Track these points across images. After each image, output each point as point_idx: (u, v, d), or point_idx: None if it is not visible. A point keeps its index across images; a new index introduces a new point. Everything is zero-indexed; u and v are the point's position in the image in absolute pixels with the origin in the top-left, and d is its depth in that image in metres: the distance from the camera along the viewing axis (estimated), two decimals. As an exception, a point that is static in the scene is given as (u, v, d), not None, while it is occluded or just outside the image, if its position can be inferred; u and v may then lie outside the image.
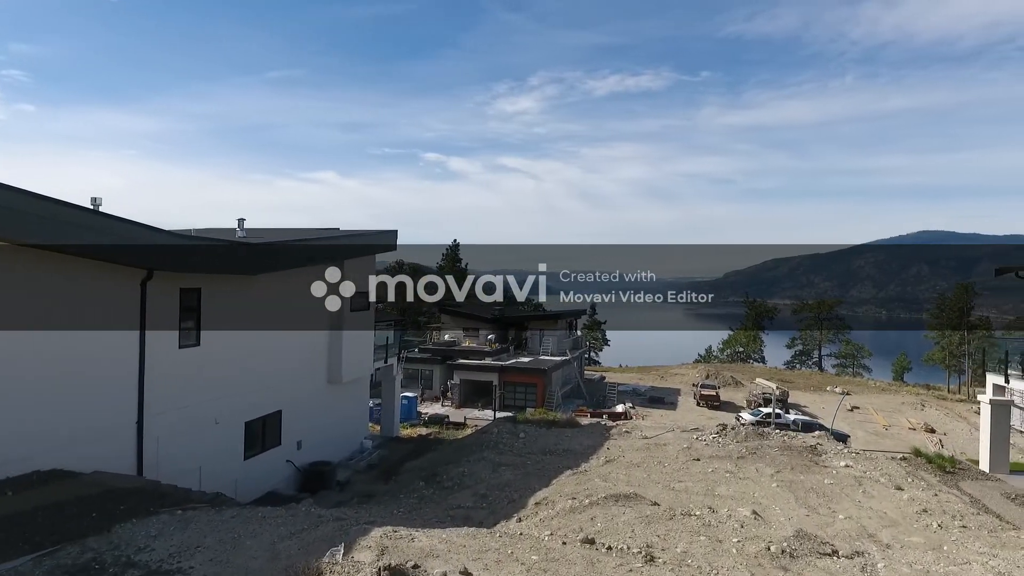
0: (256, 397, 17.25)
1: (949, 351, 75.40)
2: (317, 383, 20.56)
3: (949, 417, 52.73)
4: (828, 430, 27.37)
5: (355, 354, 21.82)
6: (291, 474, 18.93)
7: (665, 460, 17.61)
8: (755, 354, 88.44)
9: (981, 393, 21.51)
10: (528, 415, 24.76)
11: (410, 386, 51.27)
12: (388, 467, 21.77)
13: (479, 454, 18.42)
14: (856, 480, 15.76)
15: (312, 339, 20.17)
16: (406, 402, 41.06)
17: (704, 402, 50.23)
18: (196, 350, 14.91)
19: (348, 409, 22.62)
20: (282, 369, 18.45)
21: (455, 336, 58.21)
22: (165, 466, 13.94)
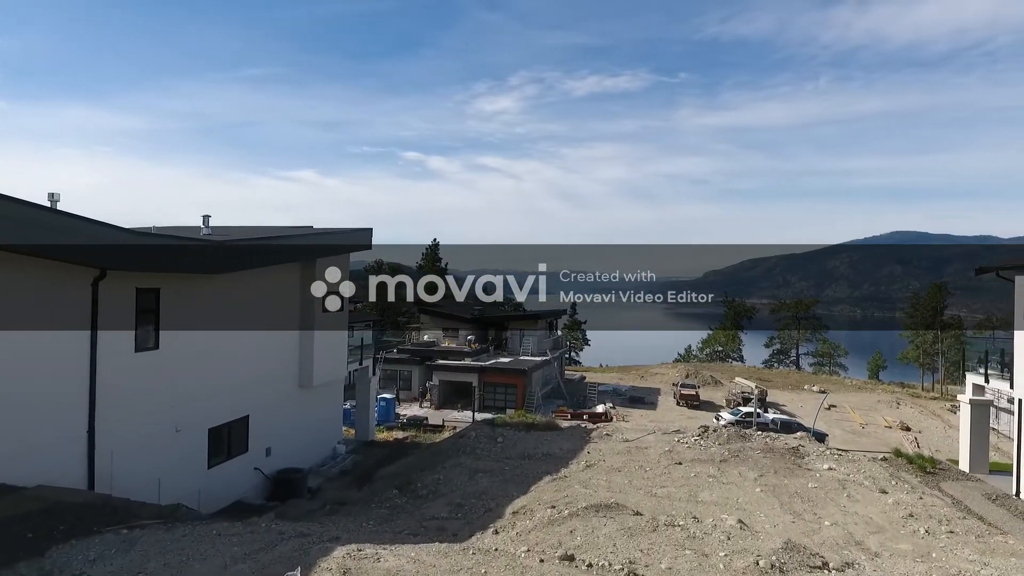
0: (221, 402, 16.43)
1: (923, 350, 76.53)
2: (287, 387, 19.75)
3: (923, 415, 53.47)
4: (809, 430, 27.26)
5: (327, 356, 21.05)
6: (259, 482, 18.12)
7: (646, 464, 17.19)
8: (734, 353, 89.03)
9: (960, 393, 21.44)
10: (507, 418, 24.20)
11: (389, 387, 50.55)
12: (362, 473, 21.03)
13: (455, 459, 17.79)
14: (840, 483, 15.48)
15: (282, 341, 19.36)
16: (384, 404, 40.26)
17: (684, 402, 50.21)
18: (154, 353, 14.07)
19: (320, 413, 21.81)
20: (249, 372, 17.63)
21: (434, 336, 57.45)
22: (120, 478, 13.09)
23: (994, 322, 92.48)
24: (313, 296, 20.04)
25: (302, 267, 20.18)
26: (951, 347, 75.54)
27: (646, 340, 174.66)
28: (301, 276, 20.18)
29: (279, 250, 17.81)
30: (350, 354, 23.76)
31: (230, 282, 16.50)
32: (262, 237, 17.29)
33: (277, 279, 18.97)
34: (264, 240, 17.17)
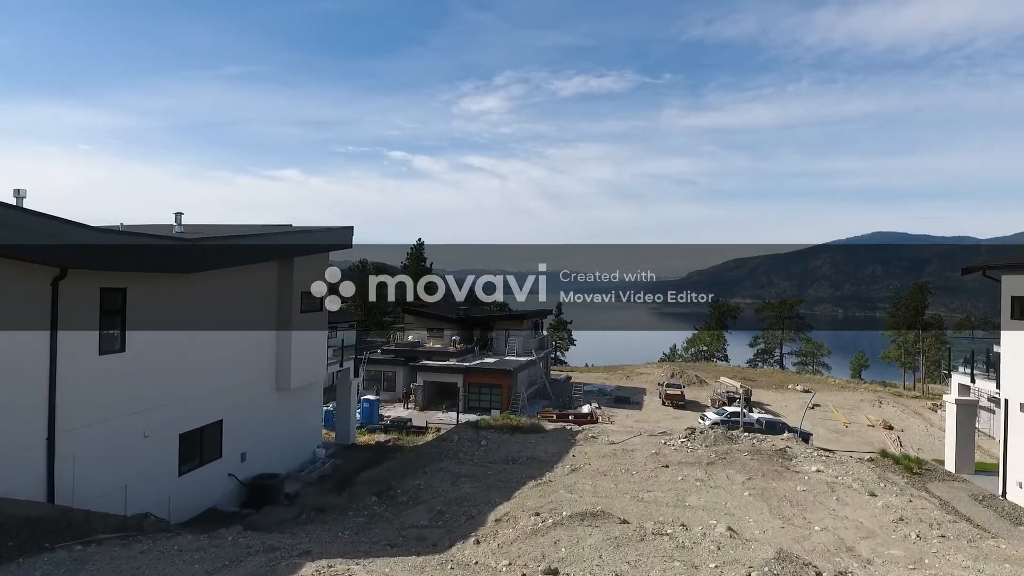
0: (193, 406, 15.78)
1: (905, 349, 77.25)
2: (264, 390, 19.11)
3: (906, 414, 53.90)
4: (796, 431, 27.10)
5: (306, 358, 20.43)
6: (234, 489, 17.48)
7: (633, 467, 16.82)
8: (719, 353, 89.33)
9: (943, 392, 21.37)
10: (491, 420, 23.73)
11: (373, 388, 49.85)
12: (342, 478, 20.44)
13: (437, 464, 17.29)
14: (828, 486, 15.23)
15: (258, 343, 18.72)
16: (367, 405, 39.57)
17: (669, 401, 50.09)
18: (120, 356, 13.42)
19: (299, 417, 21.18)
20: (223, 375, 16.98)
21: (419, 337, 56.82)
22: (82, 488, 12.45)
23: (973, 321, 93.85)
24: (291, 296, 19.43)
25: (279, 266, 19.55)
26: (932, 346, 76.36)
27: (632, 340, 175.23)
28: (278, 275, 19.56)
29: (253, 249, 17.17)
30: (330, 355, 23.15)
31: (202, 282, 15.87)
32: (235, 236, 16.64)
33: (252, 279, 18.33)
34: (237, 239, 16.52)
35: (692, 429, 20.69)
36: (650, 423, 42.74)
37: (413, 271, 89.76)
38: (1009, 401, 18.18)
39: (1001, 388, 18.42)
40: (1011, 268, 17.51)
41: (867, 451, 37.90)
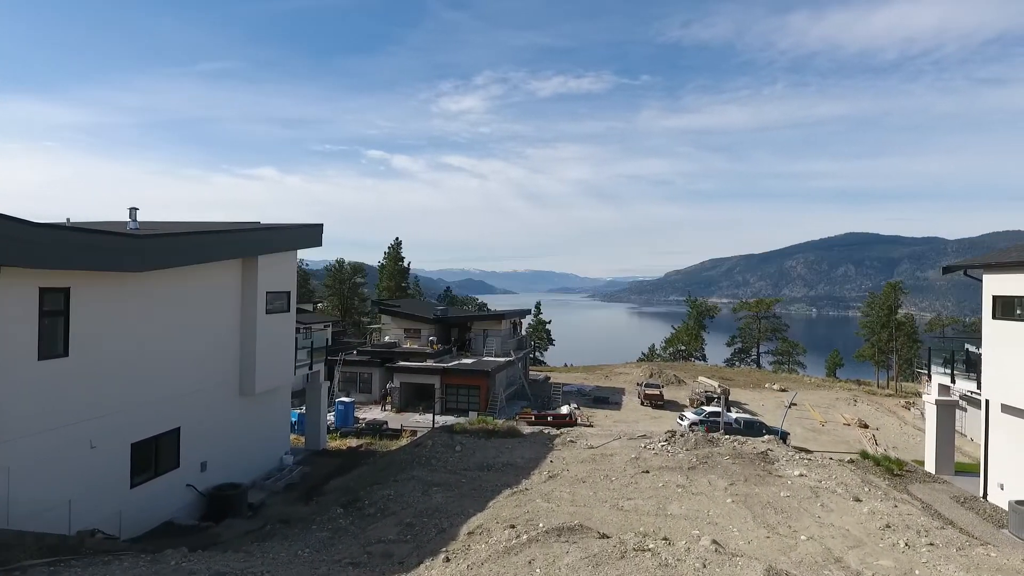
0: (147, 414, 14.78)
1: (878, 348, 78.22)
2: (226, 395, 18.12)
3: (880, 412, 54.44)
4: (777, 432, 26.81)
5: (272, 361, 19.47)
6: (193, 500, 16.50)
7: (612, 473, 16.25)
8: (697, 352, 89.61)
9: (920, 391, 21.21)
10: (466, 424, 23.00)
11: (349, 390, 48.77)
12: (311, 486, 19.56)
13: (409, 472, 16.51)
14: (812, 491, 14.83)
15: (220, 345, 17.72)
16: (342, 407, 38.53)
17: (648, 401, 49.83)
18: (63, 362, 12.41)
19: (265, 422, 20.21)
20: (181, 380, 15.99)
21: (396, 337, 55.81)
22: (19, 504, 11.44)
23: (943, 320, 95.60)
24: (255, 296, 18.47)
25: (243, 265, 18.57)
26: (904, 345, 77.46)
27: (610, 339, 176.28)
28: (242, 274, 18.58)
29: (210, 246, 16.18)
30: (299, 358, 22.18)
31: (157, 281, 14.89)
32: (190, 232, 15.64)
33: (213, 278, 17.35)
34: (192, 235, 15.51)
35: (672, 432, 20.20)
36: (629, 423, 42.35)
37: (391, 269, 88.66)
38: (990, 402, 18.00)
39: (982, 388, 18.24)
40: (992, 267, 17.32)
41: (844, 450, 38.06)
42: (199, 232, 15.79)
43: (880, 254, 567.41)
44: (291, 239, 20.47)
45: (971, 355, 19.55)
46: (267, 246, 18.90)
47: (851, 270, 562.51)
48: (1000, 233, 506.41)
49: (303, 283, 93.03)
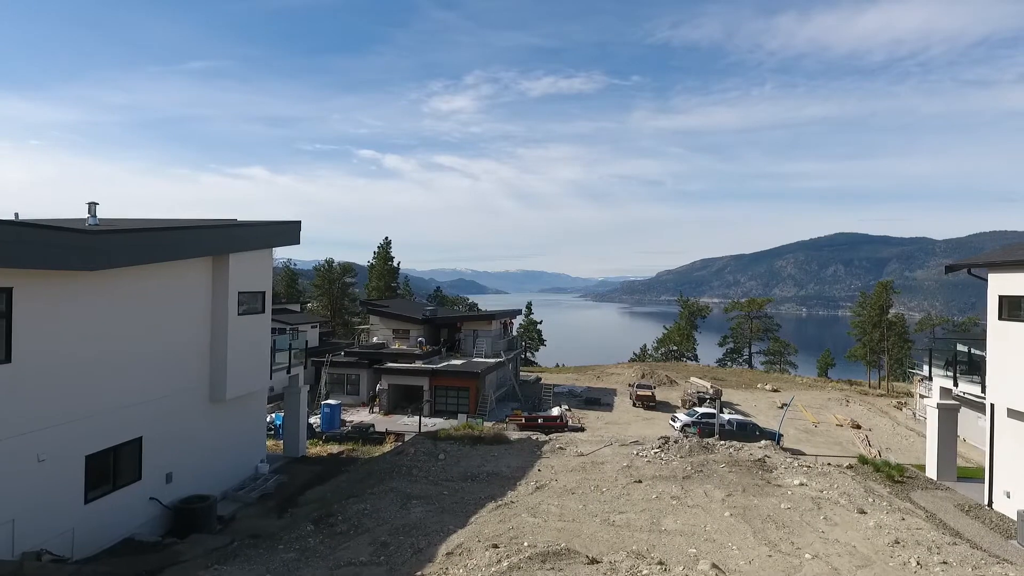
0: (104, 423, 13.74)
1: (870, 348, 77.96)
2: (194, 401, 17.07)
3: (872, 412, 54.12)
4: (773, 436, 26.05)
5: (245, 365, 18.44)
6: (157, 514, 15.46)
7: (603, 483, 15.38)
8: (688, 352, 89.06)
9: (913, 392, 20.49)
10: (451, 430, 22.05)
11: (336, 391, 47.75)
12: (286, 497, 18.56)
13: (388, 483, 15.54)
14: (814, 503, 14.03)
15: (187, 349, 16.66)
16: (328, 410, 37.62)
17: (640, 403, 49.12)
18: (5, 368, 11.37)
19: (238, 429, 19.17)
20: (144, 387, 14.94)
21: (384, 338, 54.75)
22: (-47, 525, 10.42)
23: (934, 320, 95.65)
24: (226, 296, 17.42)
25: (213, 263, 17.53)
26: (895, 345, 77.23)
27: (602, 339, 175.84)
28: (212, 274, 17.54)
29: (175, 243, 15.12)
30: (275, 361, 21.13)
31: (116, 280, 13.85)
32: (152, 228, 14.59)
33: (180, 277, 16.30)
34: (153, 232, 14.46)
35: (666, 439, 19.35)
36: (621, 425, 41.64)
37: (380, 269, 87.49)
38: (995, 406, 17.28)
39: (987, 392, 17.52)
40: (998, 266, 16.59)
41: (838, 451, 37.49)
42: (160, 228, 14.73)
43: (869, 254, 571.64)
44: (266, 237, 19.44)
45: (975, 357, 18.84)
46: (238, 244, 17.86)
47: (840, 270, 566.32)
48: (987, 233, 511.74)
49: (291, 283, 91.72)
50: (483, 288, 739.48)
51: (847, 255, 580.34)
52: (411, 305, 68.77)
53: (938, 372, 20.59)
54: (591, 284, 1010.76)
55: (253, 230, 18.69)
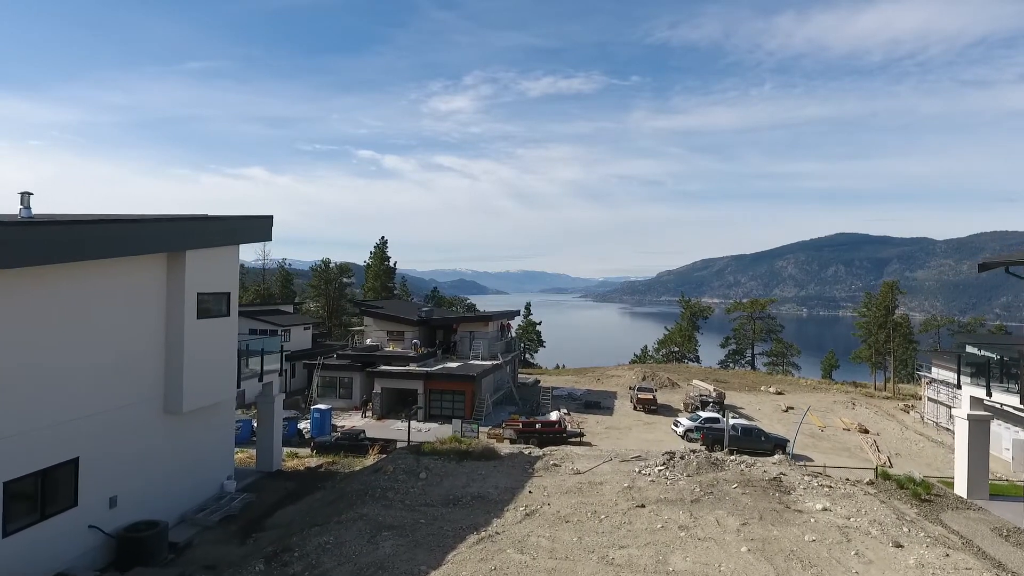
0: (28, 444, 11.98)
1: (875, 349, 76.21)
2: (146, 415, 15.30)
3: (879, 416, 52.51)
4: (786, 447, 24.28)
5: (206, 374, 16.67)
6: (98, 544, 13.73)
7: (602, 508, 13.63)
8: (690, 354, 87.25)
9: (956, 407, 18.71)
10: (436, 444, 20.29)
11: (329, 395, 46.13)
12: (252, 519, 16.79)
13: (358, 509, 13.77)
14: (842, 533, 12.29)
15: (137, 357, 14.87)
16: (318, 415, 36.09)
17: (641, 406, 47.37)
18: None
19: (199, 444, 17.39)
20: (82, 401, 13.20)
21: (378, 340, 52.99)
22: None
23: (938, 320, 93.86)
24: (182, 298, 15.66)
25: (168, 261, 15.79)
26: (899, 346, 75.50)
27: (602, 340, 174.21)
28: (168, 272, 15.79)
29: (115, 238, 13.33)
30: (246, 368, 19.35)
31: (45, 280, 12.12)
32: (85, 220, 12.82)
33: (129, 276, 14.56)
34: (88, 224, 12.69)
35: (671, 454, 17.57)
36: (621, 430, 39.92)
37: (376, 269, 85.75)
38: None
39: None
40: (1041, 264, 14.89)
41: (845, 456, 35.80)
42: (96, 221, 12.95)
43: (870, 254, 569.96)
44: (230, 232, 17.66)
45: (1008, 362, 17.08)
46: (197, 240, 16.09)
47: (841, 270, 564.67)
48: (988, 233, 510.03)
49: (286, 283, 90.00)
50: (483, 288, 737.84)
51: (848, 255, 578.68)
52: (406, 306, 67.01)
53: (967, 379, 18.83)
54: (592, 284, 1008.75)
55: (213, 224, 16.90)
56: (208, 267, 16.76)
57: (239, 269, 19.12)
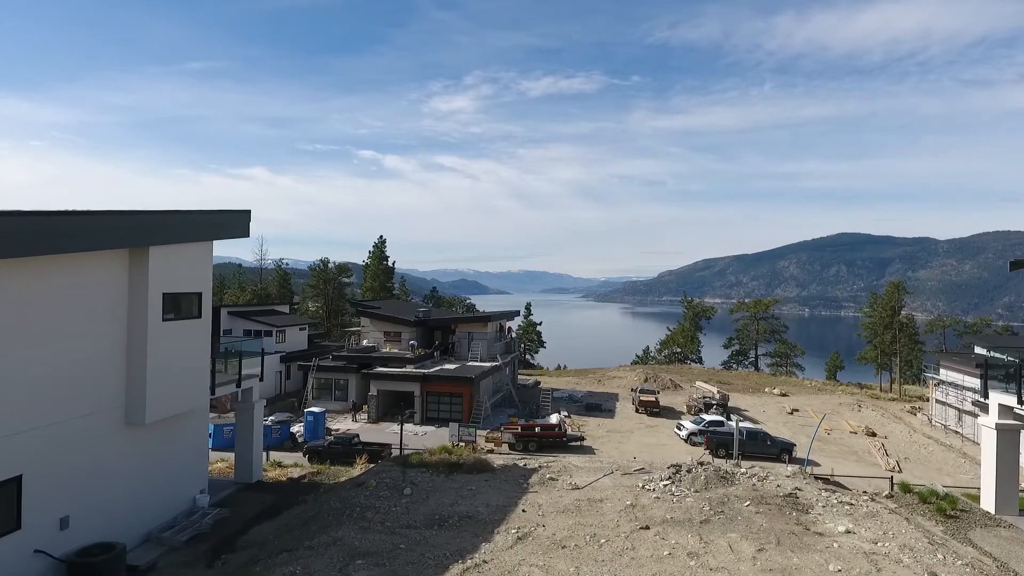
0: (-38, 461, 10.72)
1: (881, 350, 74.86)
2: (105, 427, 13.99)
3: (886, 418, 51.44)
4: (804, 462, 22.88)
5: (173, 381, 15.35)
6: (46, 569, 12.48)
7: (602, 531, 12.34)
8: (693, 355, 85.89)
9: (982, 416, 17.38)
10: (425, 455, 19.02)
11: (324, 397, 45.10)
12: (224, 537, 15.50)
13: (333, 531, 12.47)
14: (870, 561, 11.00)
15: (95, 364, 13.56)
16: (312, 418, 35.15)
17: (643, 408, 46.23)
18: None
19: (167, 457, 16.06)
20: (27, 412, 11.89)
21: (375, 341, 51.83)
22: None
23: (944, 321, 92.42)
24: (145, 298, 14.38)
25: (130, 258, 14.50)
26: (904, 347, 74.19)
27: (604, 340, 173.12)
28: (130, 271, 14.51)
29: (60, 233, 11.99)
30: (219, 374, 18.01)
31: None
32: (25, 212, 11.53)
33: (83, 275, 13.29)
34: (28, 215, 11.39)
35: (677, 467, 16.24)
36: (623, 433, 38.78)
37: (375, 269, 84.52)
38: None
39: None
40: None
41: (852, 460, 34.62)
42: (36, 213, 11.67)
43: (872, 254, 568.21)
44: (201, 227, 16.36)
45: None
46: (162, 235, 14.79)
47: (843, 270, 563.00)
48: (991, 233, 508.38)
49: (283, 283, 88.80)
50: (485, 288, 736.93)
51: (850, 255, 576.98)
52: (404, 306, 65.74)
53: (996, 385, 17.50)
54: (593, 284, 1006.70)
55: (180, 219, 15.58)
56: (176, 265, 15.48)
57: (213, 267, 17.83)
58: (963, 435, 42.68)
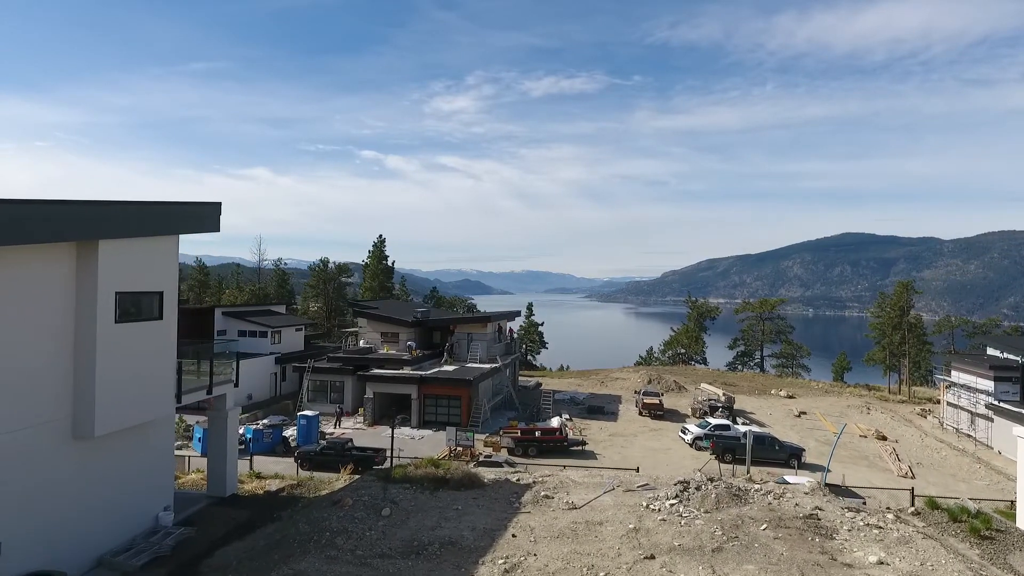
0: None
1: (889, 351, 73.18)
2: (46, 441, 12.53)
3: (896, 421, 49.89)
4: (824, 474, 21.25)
5: (127, 389, 13.88)
6: (-23, 603, 11.14)
7: (601, 561, 10.87)
8: (697, 356, 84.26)
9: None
10: (409, 468, 17.55)
11: (320, 400, 43.78)
12: (185, 561, 14.06)
13: (295, 563, 11.01)
14: (910, 601, 9.56)
15: (34, 372, 12.10)
16: (305, 422, 33.87)
17: (647, 411, 44.78)
18: None
19: (124, 473, 14.59)
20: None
21: (372, 342, 50.45)
22: None
23: (952, 321, 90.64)
24: (94, 298, 12.95)
25: (78, 253, 13.09)
26: (912, 348, 72.52)
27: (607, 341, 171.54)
28: (77, 267, 13.10)
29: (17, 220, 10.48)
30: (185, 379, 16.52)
31: None
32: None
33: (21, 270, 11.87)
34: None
35: (685, 483, 14.74)
36: (626, 437, 37.39)
37: (374, 269, 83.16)
38: None
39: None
40: None
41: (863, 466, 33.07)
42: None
43: (876, 254, 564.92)
44: (162, 220, 14.91)
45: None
46: (114, 228, 13.36)
47: (847, 270, 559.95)
48: (995, 233, 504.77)
49: (282, 283, 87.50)
50: (488, 288, 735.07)
51: (854, 255, 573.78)
52: (402, 306, 64.29)
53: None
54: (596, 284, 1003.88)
55: (136, 210, 14.12)
56: (132, 261, 14.04)
57: (178, 264, 16.36)
58: (976, 439, 41.17)
